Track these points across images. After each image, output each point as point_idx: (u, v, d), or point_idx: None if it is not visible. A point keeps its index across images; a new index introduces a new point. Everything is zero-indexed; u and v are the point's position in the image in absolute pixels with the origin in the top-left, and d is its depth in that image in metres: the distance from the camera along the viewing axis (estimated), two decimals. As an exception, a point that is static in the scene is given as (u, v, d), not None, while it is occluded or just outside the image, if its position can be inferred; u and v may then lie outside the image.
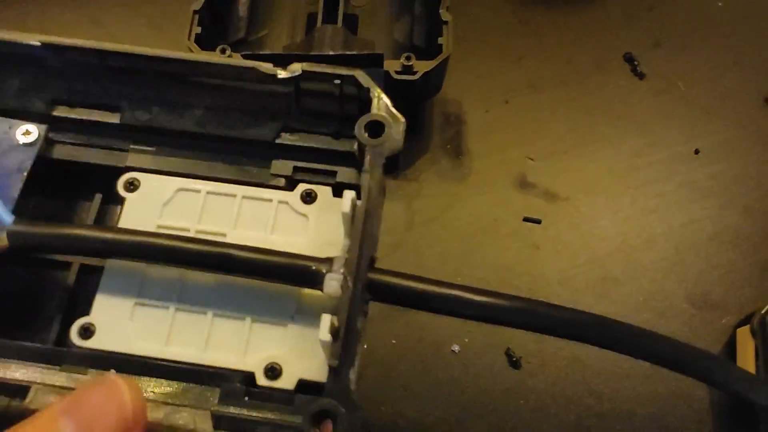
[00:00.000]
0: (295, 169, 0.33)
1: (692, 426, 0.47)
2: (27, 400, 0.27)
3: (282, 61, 0.44)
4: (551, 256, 0.50)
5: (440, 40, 0.48)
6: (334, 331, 0.27)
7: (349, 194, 0.29)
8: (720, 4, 0.59)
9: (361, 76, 0.31)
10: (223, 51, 0.46)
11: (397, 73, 0.47)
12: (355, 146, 0.31)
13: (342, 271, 0.28)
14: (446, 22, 0.49)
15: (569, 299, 0.49)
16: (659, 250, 0.51)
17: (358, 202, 0.29)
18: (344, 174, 0.33)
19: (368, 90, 0.31)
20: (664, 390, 0.48)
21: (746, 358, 0.45)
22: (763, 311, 0.45)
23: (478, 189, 0.52)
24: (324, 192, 0.33)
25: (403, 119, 0.30)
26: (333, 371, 0.27)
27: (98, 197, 0.34)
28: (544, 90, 0.56)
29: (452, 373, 0.47)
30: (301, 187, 0.33)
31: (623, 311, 0.49)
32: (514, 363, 0.47)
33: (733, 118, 0.55)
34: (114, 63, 0.32)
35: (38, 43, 0.30)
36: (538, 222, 0.51)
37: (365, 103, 0.31)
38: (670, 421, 0.47)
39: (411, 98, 0.51)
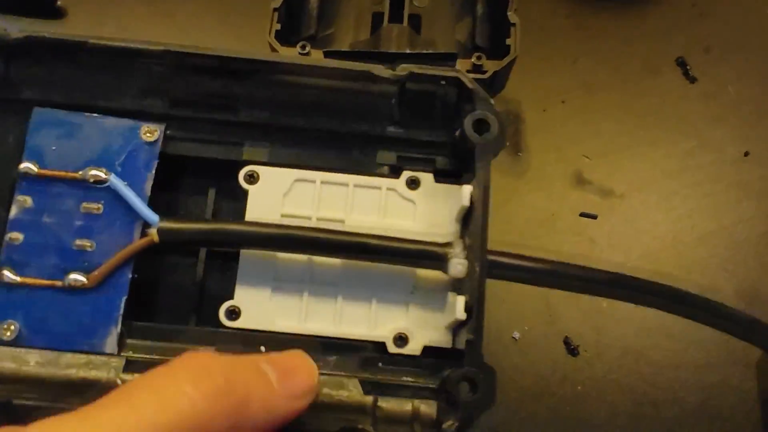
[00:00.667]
0: (399, 158, 0.35)
1: (740, 415, 0.48)
2: None
3: (360, 57, 0.46)
4: (606, 250, 0.52)
5: (508, 41, 0.49)
6: (468, 309, 0.31)
7: (467, 188, 0.32)
8: (768, 11, 0.61)
9: (464, 77, 0.33)
10: (303, 48, 0.48)
11: (468, 72, 0.48)
12: (455, 135, 0.34)
13: (464, 254, 0.32)
14: (514, 24, 0.50)
15: None
16: (710, 248, 0.52)
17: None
18: (442, 162, 0.35)
19: (471, 90, 0.33)
20: (713, 380, 0.49)
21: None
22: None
23: (536, 185, 0.54)
24: (426, 178, 0.35)
25: (502, 116, 0.33)
26: (468, 343, 0.30)
27: (212, 191, 0.35)
28: (598, 92, 0.57)
29: (512, 359, 0.49)
30: (406, 174, 0.35)
31: None
32: (572, 351, 0.49)
33: (781, 123, 0.58)
34: (232, 66, 0.33)
35: (161, 50, 0.32)
36: (594, 217, 0.52)
37: (464, 96, 0.34)
38: (719, 410, 0.48)
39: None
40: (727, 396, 0.49)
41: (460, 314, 0.31)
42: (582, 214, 0.52)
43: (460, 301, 0.31)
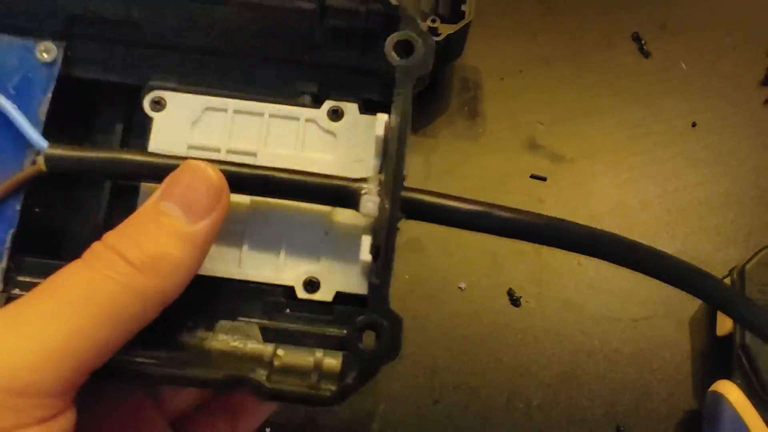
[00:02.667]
0: (321, 85, 0.26)
1: (671, 368, 0.42)
2: None
3: None
4: (554, 210, 0.45)
5: (463, 7, 0.42)
6: (374, 251, 0.22)
7: (382, 117, 0.24)
8: (723, -7, 0.53)
9: None
10: None
11: None
12: (383, 62, 0.24)
13: (377, 191, 0.23)
14: None
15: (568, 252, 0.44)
16: (653, 211, 0.45)
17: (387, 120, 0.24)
18: (369, 91, 0.26)
19: (396, 8, 0.24)
20: (650, 334, 0.43)
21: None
22: (741, 265, 0.40)
23: (490, 148, 0.46)
24: (351, 109, 0.26)
25: (432, 38, 0.24)
26: (373, 288, 0.23)
27: (120, 125, 0.26)
28: (555, 63, 0.49)
29: (458, 307, 0.43)
30: (328, 104, 0.26)
31: None
32: (515, 302, 0.43)
33: (729, 98, 0.48)
34: None
35: None
36: (544, 179, 0.45)
37: (392, 19, 0.24)
38: (652, 363, 0.43)
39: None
40: (661, 350, 0.43)
41: (365, 255, 0.23)
42: (532, 176, 0.45)
43: (366, 241, 0.23)
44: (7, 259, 0.23)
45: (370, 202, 0.23)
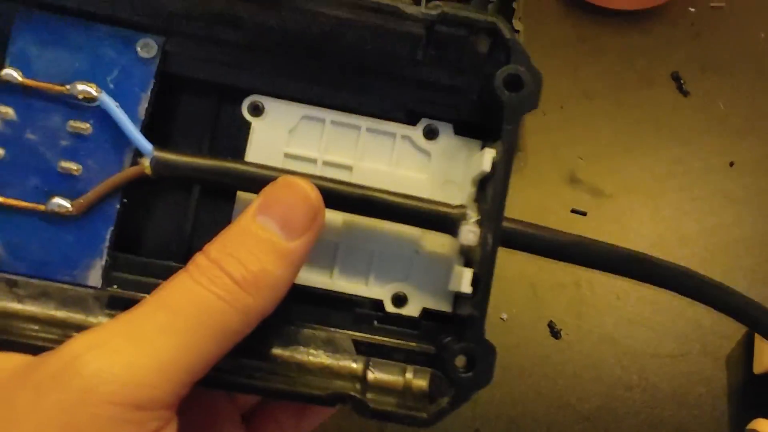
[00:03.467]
0: (417, 103, 0.26)
1: (708, 405, 0.44)
2: None
3: None
4: None
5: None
6: (475, 282, 0.23)
7: (490, 152, 0.24)
8: (762, 35, 0.53)
9: (502, 25, 0.24)
10: None
11: None
12: (482, 86, 0.25)
13: (475, 220, 0.24)
14: (518, 31, 0.44)
15: (611, 285, 0.45)
16: (691, 248, 0.47)
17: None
18: (465, 112, 0.26)
19: (509, 41, 0.24)
20: (685, 369, 0.45)
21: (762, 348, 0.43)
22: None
23: (532, 181, 0.48)
24: (445, 129, 0.26)
25: (541, 75, 0.24)
26: (471, 318, 0.23)
27: (209, 120, 0.25)
28: (595, 99, 0.51)
29: (499, 338, 0.43)
30: (424, 122, 0.26)
31: (656, 298, 0.45)
32: (555, 334, 0.44)
33: (766, 138, 0.50)
34: None
35: None
36: (584, 214, 0.46)
37: (499, 50, 0.24)
38: (688, 398, 0.44)
39: None
40: (697, 386, 0.44)
41: (466, 288, 0.23)
42: (573, 211, 0.46)
43: (467, 273, 0.23)
44: (105, 257, 0.24)
45: (471, 234, 0.23)
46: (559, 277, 0.45)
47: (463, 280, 0.23)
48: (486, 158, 0.24)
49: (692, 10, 0.53)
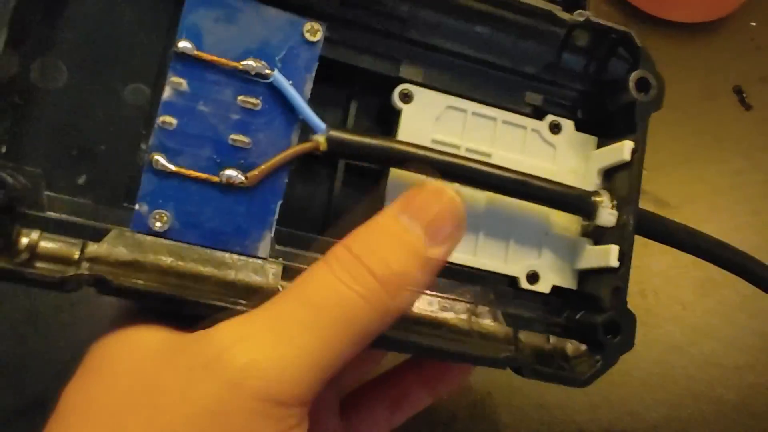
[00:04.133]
0: (545, 101, 0.31)
1: None
2: None
3: None
4: (657, 254, 0.50)
5: None
6: (620, 257, 0.28)
7: (629, 144, 0.29)
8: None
9: (636, 35, 0.29)
10: None
11: None
12: (604, 90, 0.30)
13: (612, 204, 0.29)
14: None
15: (675, 295, 0.49)
16: None
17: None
18: (582, 112, 0.31)
19: (639, 49, 0.29)
20: (752, 380, 0.48)
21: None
22: None
23: None
24: (568, 125, 0.31)
25: (664, 80, 0.30)
26: (616, 290, 0.28)
27: (354, 104, 0.30)
28: (657, 112, 0.55)
29: None
30: (549, 117, 0.31)
31: (722, 309, 0.49)
32: None
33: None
34: None
35: None
36: None
37: (625, 54, 0.30)
38: (755, 409, 0.47)
39: None
40: (764, 397, 0.48)
41: (614, 261, 0.28)
42: None
43: (614, 250, 0.28)
44: (273, 229, 0.26)
45: (610, 215, 0.28)
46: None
47: (610, 255, 0.28)
48: (626, 149, 0.29)
49: (753, 24, 0.57)
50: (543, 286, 0.30)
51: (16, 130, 0.25)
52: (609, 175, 0.30)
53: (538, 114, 0.31)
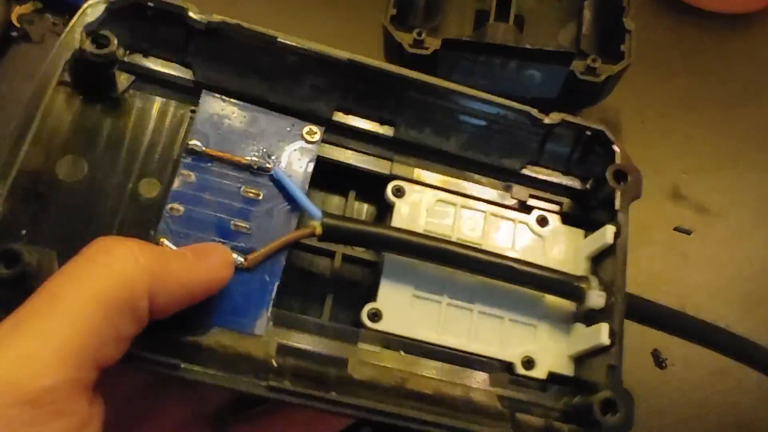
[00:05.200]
0: (530, 196, 0.37)
1: None
2: (348, 369, 0.31)
3: (477, 48, 0.47)
4: (700, 267, 0.51)
5: (622, 47, 0.48)
6: (611, 336, 0.32)
7: (611, 228, 0.34)
8: None
9: (608, 133, 0.35)
10: (419, 34, 0.47)
11: (582, 73, 0.47)
12: (585, 185, 0.37)
13: (600, 287, 0.33)
14: (629, 31, 0.48)
15: (718, 312, 0.49)
16: None
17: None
18: (568, 206, 0.37)
19: (611, 142, 0.35)
20: None
21: None
22: None
23: None
24: (554, 218, 0.36)
25: (639, 171, 0.35)
26: (610, 368, 0.31)
27: (352, 194, 0.37)
28: (697, 109, 0.56)
29: None
30: (537, 212, 0.36)
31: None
32: (660, 363, 0.48)
33: None
34: (402, 84, 0.35)
35: (346, 60, 0.33)
36: (689, 233, 0.51)
37: (600, 150, 0.36)
38: None
39: (579, 102, 0.51)
40: None
41: (605, 339, 0.31)
42: (676, 229, 0.52)
43: (604, 328, 0.32)
44: (270, 308, 0.31)
45: (599, 297, 0.33)
46: (664, 303, 0.52)
47: (601, 334, 0.31)
48: (608, 233, 0.33)
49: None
50: (539, 372, 0.33)
51: (38, 216, 0.30)
52: (597, 261, 0.35)
53: (525, 209, 0.36)
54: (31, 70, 0.51)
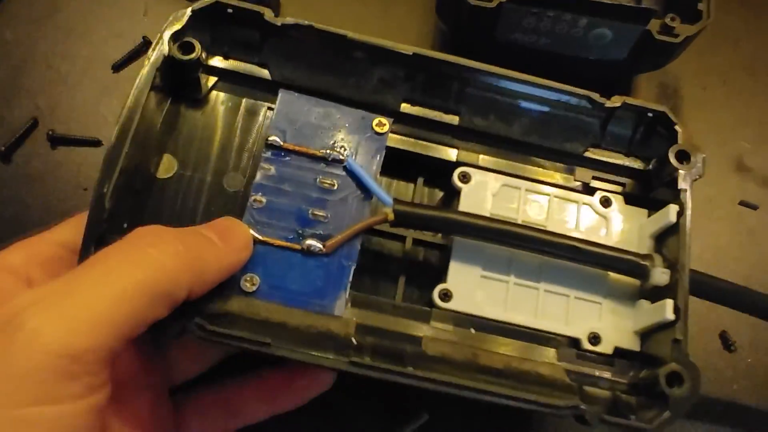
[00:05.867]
0: (594, 177, 0.39)
1: None
2: (422, 345, 0.35)
3: (560, 4, 0.44)
4: (764, 244, 0.51)
5: (700, 6, 0.46)
6: (676, 311, 0.34)
7: (674, 207, 0.36)
8: None
9: (671, 114, 0.37)
10: None
11: (658, 33, 0.46)
12: (648, 165, 0.39)
13: (664, 265, 0.36)
14: None
15: None
16: None
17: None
18: (630, 186, 0.39)
19: (673, 123, 0.37)
20: None
21: None
22: None
23: None
24: (617, 199, 0.38)
25: (702, 151, 0.37)
26: (676, 342, 0.34)
27: (420, 180, 0.40)
28: (761, 75, 0.55)
29: None
30: (600, 193, 0.38)
31: None
32: (729, 346, 0.48)
33: None
34: (466, 75, 0.37)
35: (410, 53, 0.36)
36: (755, 208, 0.51)
37: (663, 131, 0.38)
38: None
39: (648, 64, 0.51)
40: None
41: (670, 314, 0.34)
42: (741, 203, 0.52)
43: (669, 303, 0.34)
44: (348, 290, 0.34)
45: (664, 274, 0.35)
46: (729, 279, 0.44)
47: (666, 309, 0.33)
48: (671, 211, 0.35)
49: None
50: (605, 347, 0.36)
51: (136, 211, 0.34)
52: (660, 239, 0.37)
53: (589, 191, 0.38)
54: (33, 14, 0.52)
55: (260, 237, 0.35)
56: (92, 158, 0.47)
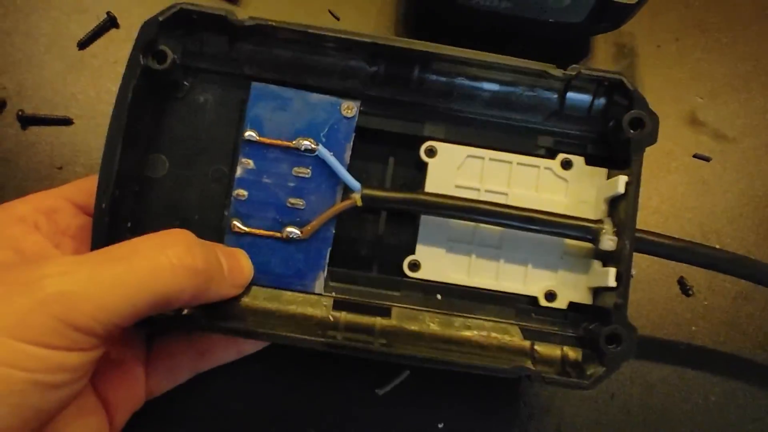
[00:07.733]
0: (555, 142, 0.43)
1: None
2: (392, 318, 0.43)
3: None
4: (719, 193, 0.58)
5: None
6: (618, 277, 0.39)
7: (623, 178, 0.40)
8: None
9: (627, 81, 0.41)
10: None
11: None
12: (607, 126, 0.44)
13: (613, 231, 0.41)
14: None
15: (737, 237, 0.57)
16: None
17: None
18: (592, 148, 0.44)
19: (629, 90, 0.41)
20: None
21: None
22: None
23: None
24: (578, 161, 0.43)
25: (657, 117, 0.41)
26: (617, 306, 0.39)
27: (391, 160, 0.45)
28: (711, 31, 0.62)
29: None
30: (561, 156, 0.43)
31: None
32: (686, 291, 0.56)
33: None
34: (425, 58, 0.42)
35: (369, 41, 0.41)
36: (708, 159, 0.58)
37: (619, 97, 0.42)
38: None
39: (605, 26, 0.55)
40: None
41: (611, 282, 0.39)
42: (695, 156, 0.59)
43: (612, 271, 0.40)
44: (326, 270, 0.40)
45: (611, 241, 0.40)
46: (687, 230, 0.56)
47: (609, 276, 0.39)
48: (620, 182, 0.40)
49: None
50: (560, 303, 0.42)
51: (136, 210, 0.40)
52: (613, 203, 0.41)
53: (551, 154, 0.43)
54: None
55: (245, 229, 0.42)
56: (64, 137, 0.53)
